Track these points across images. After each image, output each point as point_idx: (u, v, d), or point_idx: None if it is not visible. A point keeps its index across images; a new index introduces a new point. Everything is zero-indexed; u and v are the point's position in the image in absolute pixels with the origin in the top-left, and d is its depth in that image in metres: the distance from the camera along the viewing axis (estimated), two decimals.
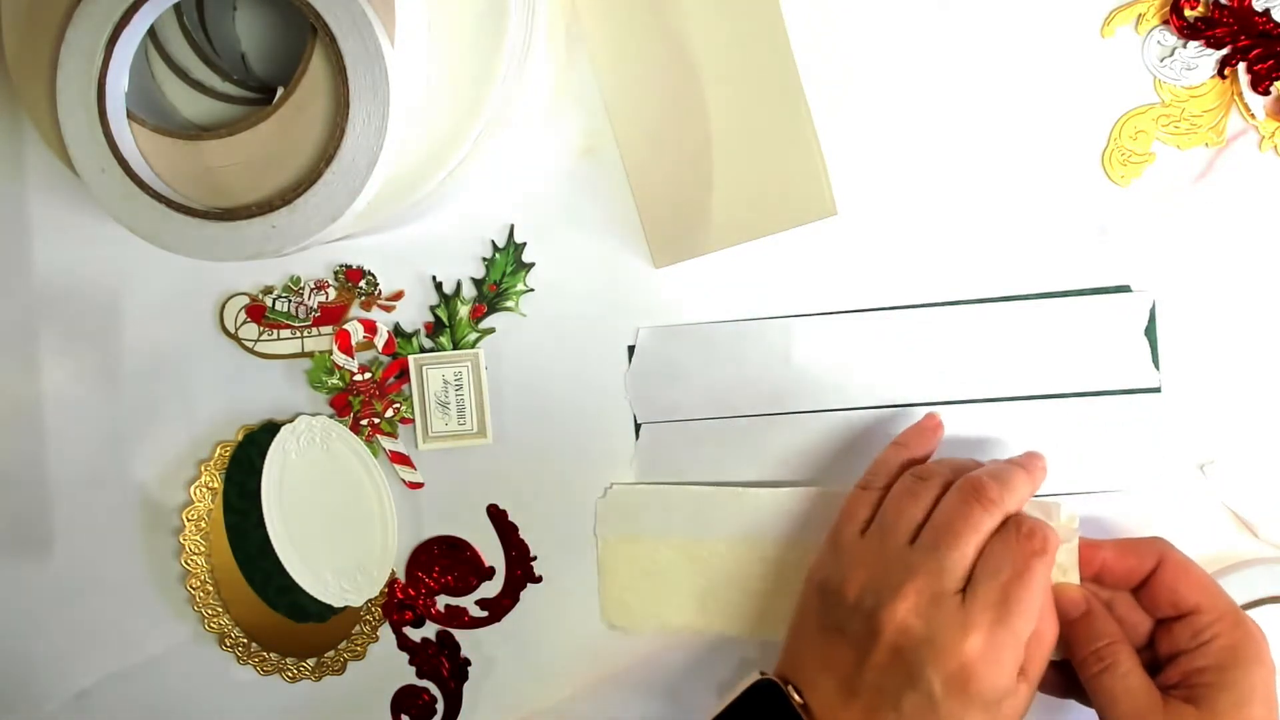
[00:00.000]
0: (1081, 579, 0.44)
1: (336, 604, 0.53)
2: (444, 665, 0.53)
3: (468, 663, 0.53)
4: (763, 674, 0.43)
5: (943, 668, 0.40)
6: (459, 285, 0.52)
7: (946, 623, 0.40)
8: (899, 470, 0.46)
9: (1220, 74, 0.47)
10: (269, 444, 0.52)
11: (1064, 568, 0.43)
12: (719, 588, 0.50)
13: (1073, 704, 0.45)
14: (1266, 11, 0.46)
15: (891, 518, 0.44)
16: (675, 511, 0.50)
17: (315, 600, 0.53)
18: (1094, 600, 0.43)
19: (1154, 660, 0.43)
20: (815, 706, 0.42)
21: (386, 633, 0.54)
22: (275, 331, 0.53)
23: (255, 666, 0.54)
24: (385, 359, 0.52)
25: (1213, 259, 0.48)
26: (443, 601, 0.53)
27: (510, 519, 0.52)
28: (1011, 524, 0.42)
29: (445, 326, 0.52)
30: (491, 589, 0.53)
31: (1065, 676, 0.44)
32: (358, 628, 0.54)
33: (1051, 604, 0.43)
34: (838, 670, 0.42)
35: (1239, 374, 0.48)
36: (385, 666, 0.54)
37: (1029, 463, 0.45)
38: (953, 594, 0.41)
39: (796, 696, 0.42)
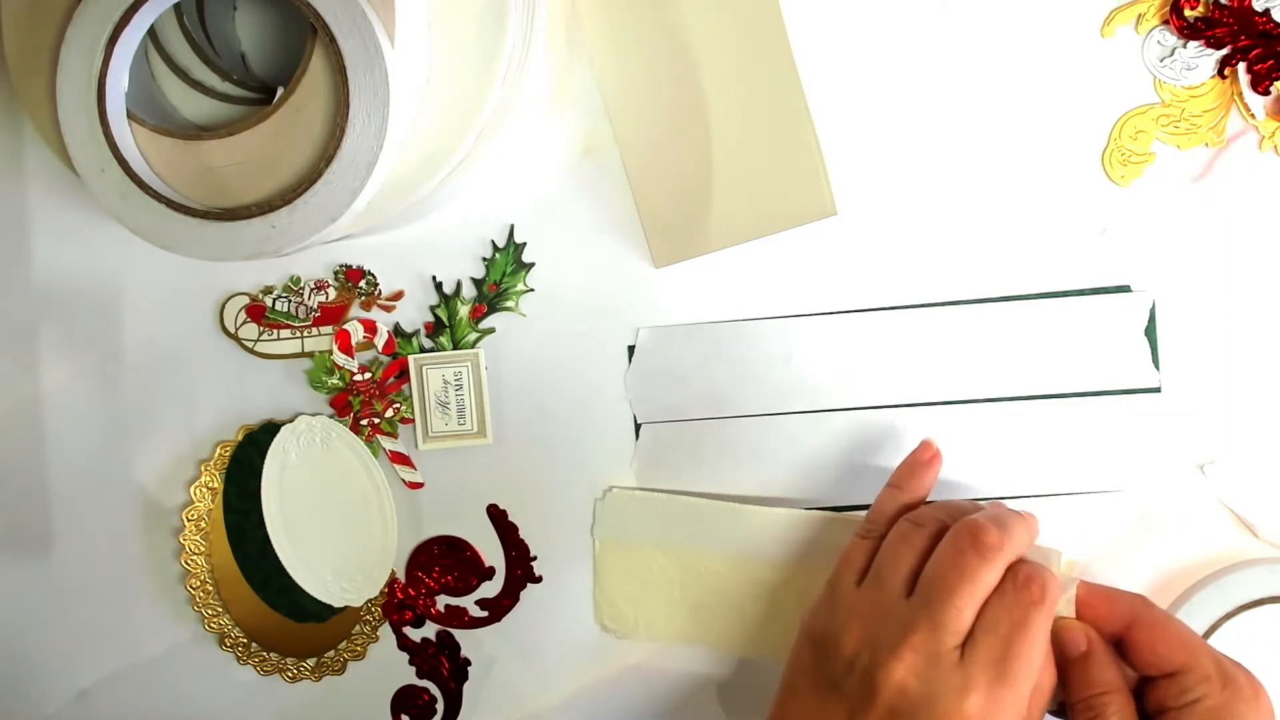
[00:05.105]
0: None
1: (336, 604, 0.53)
2: (444, 665, 0.53)
3: (468, 663, 0.53)
4: None
5: None
6: (459, 285, 0.52)
7: (945, 683, 0.39)
8: (896, 515, 0.45)
9: (1220, 74, 0.47)
10: (269, 444, 0.52)
11: (1062, 614, 0.42)
12: (712, 602, 0.50)
13: None
14: (1266, 11, 0.46)
15: (887, 567, 0.42)
16: (673, 522, 0.50)
17: (315, 600, 0.53)
18: (1095, 641, 0.42)
19: (1143, 714, 0.41)
20: None
21: (386, 633, 0.54)
22: (275, 331, 0.53)
23: (255, 666, 0.54)
24: (385, 359, 0.52)
25: (1213, 259, 0.48)
26: (443, 601, 0.53)
27: (510, 519, 0.52)
28: (1008, 574, 0.41)
29: (445, 326, 0.52)
30: (491, 589, 0.53)
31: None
32: (358, 628, 0.54)
33: (1052, 653, 0.41)
34: None
35: (1239, 374, 0.48)
36: (385, 666, 0.54)
37: (1026, 515, 0.43)
38: (951, 650, 0.39)
39: None
